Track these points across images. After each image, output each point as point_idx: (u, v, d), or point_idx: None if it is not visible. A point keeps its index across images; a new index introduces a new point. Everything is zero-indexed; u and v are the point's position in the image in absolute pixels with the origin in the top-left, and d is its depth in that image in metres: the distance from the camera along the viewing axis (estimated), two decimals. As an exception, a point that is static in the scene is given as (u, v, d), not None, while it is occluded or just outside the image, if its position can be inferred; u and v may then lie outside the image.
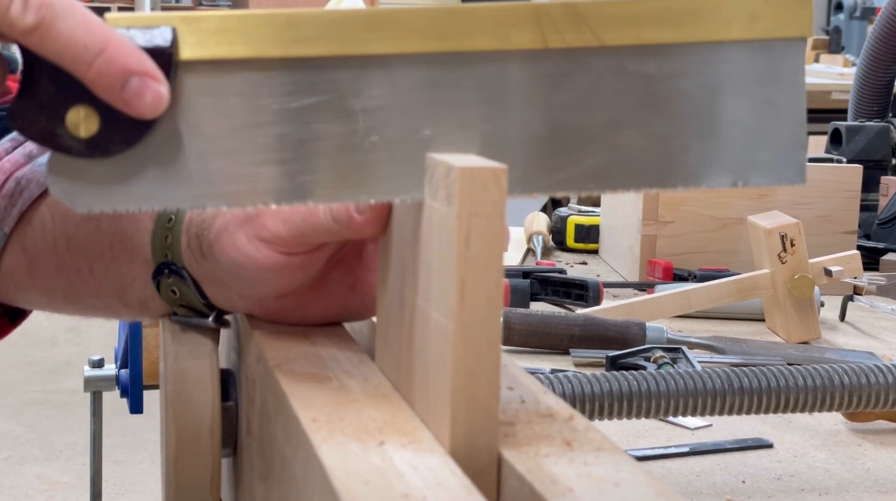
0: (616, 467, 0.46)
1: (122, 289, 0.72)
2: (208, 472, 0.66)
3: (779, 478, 0.80)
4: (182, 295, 0.68)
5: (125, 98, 0.50)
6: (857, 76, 1.90)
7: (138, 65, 0.50)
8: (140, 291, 0.71)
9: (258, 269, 0.62)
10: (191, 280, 0.67)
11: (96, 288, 0.73)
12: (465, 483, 0.43)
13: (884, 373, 0.74)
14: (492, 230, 0.47)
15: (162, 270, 0.68)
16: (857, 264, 1.19)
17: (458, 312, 0.47)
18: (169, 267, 0.68)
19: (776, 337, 1.16)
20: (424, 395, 0.51)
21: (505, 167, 0.47)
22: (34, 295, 0.78)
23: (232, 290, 0.66)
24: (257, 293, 0.65)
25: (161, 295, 0.69)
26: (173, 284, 0.68)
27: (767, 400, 0.72)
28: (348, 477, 0.43)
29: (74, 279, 0.73)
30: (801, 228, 1.13)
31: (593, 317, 1.08)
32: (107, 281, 0.72)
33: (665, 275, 1.32)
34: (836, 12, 5.02)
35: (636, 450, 0.84)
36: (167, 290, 0.68)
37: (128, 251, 0.70)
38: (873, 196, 1.61)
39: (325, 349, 0.62)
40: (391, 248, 0.56)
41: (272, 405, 0.57)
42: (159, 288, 0.69)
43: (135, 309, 0.72)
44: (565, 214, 1.60)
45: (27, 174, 0.77)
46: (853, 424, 0.90)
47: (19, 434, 3.40)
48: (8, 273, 0.76)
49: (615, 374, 0.71)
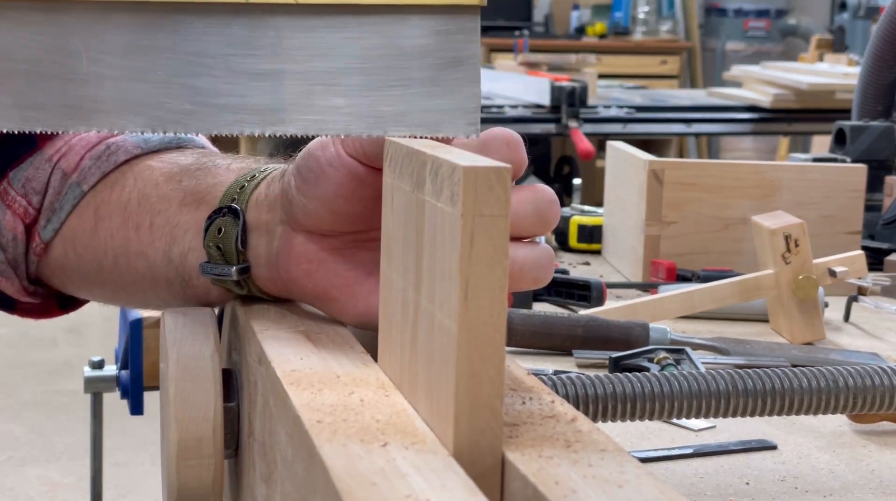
0: (620, 468, 0.46)
1: (173, 241, 0.75)
2: (210, 474, 0.66)
3: (783, 480, 0.80)
4: (225, 234, 0.71)
5: None
6: (861, 76, 1.89)
7: None
8: (188, 242, 0.74)
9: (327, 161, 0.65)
10: (242, 222, 0.70)
11: (149, 242, 0.77)
12: (468, 485, 0.43)
13: (888, 375, 0.74)
14: (496, 230, 0.46)
15: (221, 210, 0.72)
16: (861, 264, 1.19)
17: (461, 313, 0.46)
18: (229, 208, 0.71)
19: (780, 338, 1.15)
20: (428, 396, 0.50)
21: (509, 167, 0.46)
22: (86, 262, 0.82)
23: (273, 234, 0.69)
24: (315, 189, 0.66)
25: (206, 237, 0.71)
26: (223, 222, 0.71)
27: (771, 402, 0.72)
28: (351, 479, 0.43)
29: (131, 235, 0.78)
30: (805, 228, 1.13)
31: (596, 318, 1.08)
32: (163, 232, 0.76)
33: (668, 276, 1.31)
34: (840, 11, 5.02)
35: (640, 452, 0.84)
36: (214, 229, 0.71)
37: (195, 202, 0.75)
38: (878, 196, 1.60)
39: (328, 349, 0.62)
40: (395, 248, 0.56)
41: (274, 406, 0.57)
42: (207, 230, 0.71)
43: (175, 264, 0.75)
44: (568, 214, 1.60)
45: (118, 141, 0.82)
46: (858, 425, 0.90)
47: (20, 435, 3.40)
48: (73, 233, 0.81)
49: (618, 376, 0.71)
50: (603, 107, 3.74)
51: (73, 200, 0.82)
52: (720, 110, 4.01)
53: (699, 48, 6.93)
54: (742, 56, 6.79)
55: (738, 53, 6.96)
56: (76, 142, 0.83)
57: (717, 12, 7.33)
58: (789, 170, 1.41)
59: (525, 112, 3.58)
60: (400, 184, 0.55)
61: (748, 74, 4.20)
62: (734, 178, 1.38)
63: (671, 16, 6.88)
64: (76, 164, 0.82)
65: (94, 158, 0.82)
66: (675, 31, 6.86)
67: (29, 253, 0.84)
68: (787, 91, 3.85)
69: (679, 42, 6.81)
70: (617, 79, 5.29)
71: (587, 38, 6.67)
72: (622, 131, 3.68)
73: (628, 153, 1.46)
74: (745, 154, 6.13)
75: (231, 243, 0.70)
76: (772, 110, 3.88)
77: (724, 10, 7.30)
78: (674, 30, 6.86)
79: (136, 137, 0.82)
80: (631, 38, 6.67)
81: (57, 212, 0.82)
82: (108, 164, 0.81)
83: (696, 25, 6.99)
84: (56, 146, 0.84)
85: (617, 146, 1.52)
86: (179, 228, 0.75)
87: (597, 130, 3.69)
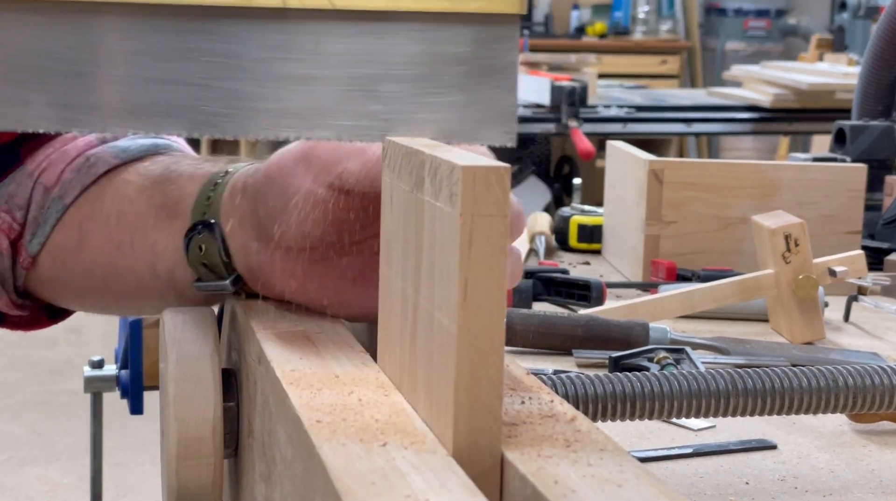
0: (619, 468, 0.46)
1: (156, 258, 0.76)
2: (210, 473, 0.66)
3: (783, 479, 0.80)
4: (207, 252, 0.71)
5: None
6: (861, 75, 1.89)
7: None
8: (171, 258, 0.74)
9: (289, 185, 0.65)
10: (220, 236, 0.70)
11: (133, 261, 0.77)
12: (467, 485, 0.43)
13: (888, 375, 0.74)
14: (495, 230, 0.46)
15: (196, 227, 0.72)
16: (861, 264, 1.19)
17: (461, 313, 0.46)
18: (203, 224, 0.71)
19: (780, 338, 1.15)
20: (427, 396, 0.50)
21: (508, 166, 0.46)
22: (76, 277, 0.83)
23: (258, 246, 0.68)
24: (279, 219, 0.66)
25: (188, 255, 0.72)
26: (202, 240, 0.71)
27: (771, 402, 0.72)
28: (350, 478, 0.43)
29: (115, 253, 0.78)
30: (805, 228, 1.13)
31: (596, 318, 1.08)
32: (144, 251, 0.77)
33: (668, 276, 1.31)
34: (840, 11, 5.01)
35: (639, 451, 0.84)
36: (195, 247, 0.71)
37: (169, 218, 0.75)
38: (878, 195, 1.60)
39: (327, 349, 0.61)
40: (394, 248, 0.56)
41: (274, 405, 0.57)
42: (188, 247, 0.72)
43: (163, 279, 0.76)
44: (568, 214, 1.60)
45: (97, 153, 0.83)
46: (857, 425, 0.90)
47: (20, 435, 3.40)
48: (59, 249, 0.82)
49: (618, 375, 0.70)
50: (603, 106, 3.74)
51: (57, 214, 0.82)
52: (720, 110, 4.01)
53: (699, 48, 6.93)
54: (742, 56, 6.79)
55: (738, 53, 6.96)
56: (56, 156, 0.84)
57: (716, 12, 7.32)
58: (789, 169, 1.41)
59: (525, 111, 3.58)
60: (399, 184, 0.55)
61: (748, 74, 4.20)
62: (734, 178, 1.38)
63: (671, 15, 6.88)
64: (57, 178, 0.83)
65: (75, 171, 0.82)
66: (675, 30, 6.86)
67: (16, 268, 0.85)
68: (787, 91, 3.86)
69: (679, 42, 6.82)
70: (617, 78, 5.29)
71: (587, 38, 6.67)
72: (622, 131, 3.68)
73: (628, 153, 1.46)
74: (745, 154, 6.13)
75: (216, 258, 0.71)
76: (772, 110, 3.88)
77: (724, 9, 7.30)
78: (674, 29, 6.86)
79: (114, 148, 0.83)
80: (631, 38, 6.68)
81: (41, 225, 0.83)
82: (88, 177, 0.82)
83: (696, 25, 7.00)
84: (37, 161, 0.85)
85: (617, 146, 1.52)
86: (159, 245, 0.76)
87: (597, 130, 3.69)
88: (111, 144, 0.83)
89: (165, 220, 0.75)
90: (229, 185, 0.72)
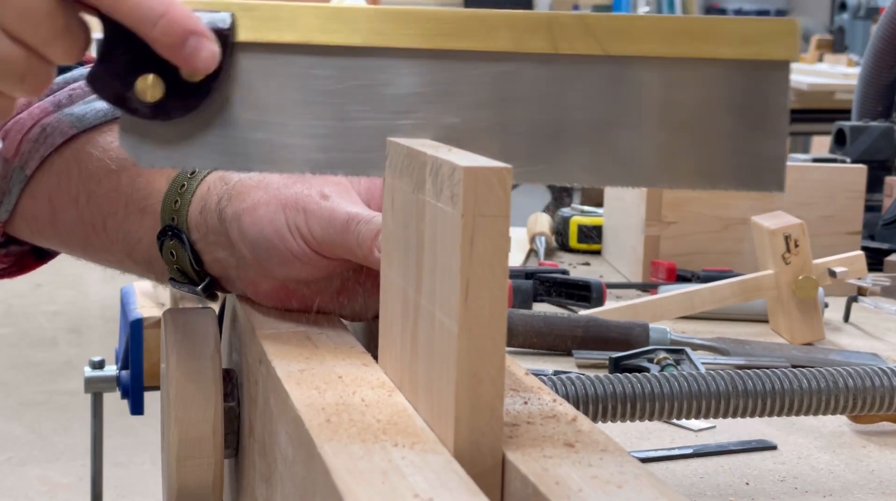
0: (620, 468, 0.46)
1: (131, 248, 0.77)
2: (210, 473, 0.66)
3: (783, 480, 0.80)
4: (178, 259, 0.72)
5: (185, 54, 0.57)
6: (861, 76, 1.89)
7: (195, 26, 0.57)
8: (146, 251, 0.75)
9: (286, 252, 0.66)
10: (189, 245, 0.71)
11: (108, 244, 0.78)
12: (469, 485, 0.43)
13: (888, 376, 0.74)
14: (496, 230, 0.46)
15: (166, 232, 0.73)
16: (861, 265, 1.19)
17: (462, 313, 0.46)
18: (172, 230, 0.72)
19: (780, 339, 1.15)
20: (428, 396, 0.50)
21: (509, 167, 0.47)
22: (56, 243, 0.84)
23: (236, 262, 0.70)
24: (272, 271, 0.68)
25: (162, 255, 0.73)
26: (173, 247, 0.72)
27: (771, 403, 0.72)
28: (352, 478, 0.43)
29: (90, 233, 0.79)
30: (804, 229, 1.13)
31: (596, 319, 1.08)
32: (118, 237, 0.77)
33: (668, 276, 1.31)
34: (840, 12, 5.02)
35: (640, 452, 0.84)
36: (167, 252, 0.73)
37: (139, 211, 0.76)
38: (877, 196, 1.60)
39: (328, 349, 0.62)
40: (395, 248, 0.56)
41: (274, 405, 0.57)
42: (161, 250, 0.73)
43: (142, 266, 0.77)
44: (568, 215, 1.60)
45: (53, 122, 0.83)
46: (857, 426, 0.90)
47: (20, 435, 3.40)
48: (32, 218, 0.82)
49: (618, 376, 0.71)
50: (603, 107, 3.73)
51: (20, 183, 0.82)
52: (720, 110, 4.00)
53: (699, 48, 6.92)
54: (742, 56, 6.78)
55: (738, 54, 6.95)
56: (11, 126, 0.83)
57: (716, 12, 7.33)
58: (789, 170, 1.39)
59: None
60: (400, 185, 0.55)
61: (748, 75, 4.19)
62: (734, 179, 1.38)
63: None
64: (16, 149, 0.82)
65: (32, 141, 0.82)
66: (675, 31, 6.85)
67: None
68: (786, 91, 3.85)
69: (679, 42, 6.81)
70: (617, 79, 5.28)
71: (587, 39, 6.66)
72: (622, 131, 3.67)
73: (628, 153, 1.45)
74: (745, 154, 6.11)
75: (186, 265, 0.72)
76: (772, 110, 3.87)
77: (724, 10, 7.30)
78: (674, 30, 6.85)
79: (70, 115, 0.82)
80: (631, 39, 6.67)
81: (8, 194, 0.83)
82: (46, 148, 0.81)
83: (696, 26, 6.99)
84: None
85: (617, 146, 1.51)
86: (132, 236, 0.76)
87: (597, 130, 3.67)
88: (66, 111, 0.82)
89: (136, 213, 0.76)
90: (197, 197, 0.72)
